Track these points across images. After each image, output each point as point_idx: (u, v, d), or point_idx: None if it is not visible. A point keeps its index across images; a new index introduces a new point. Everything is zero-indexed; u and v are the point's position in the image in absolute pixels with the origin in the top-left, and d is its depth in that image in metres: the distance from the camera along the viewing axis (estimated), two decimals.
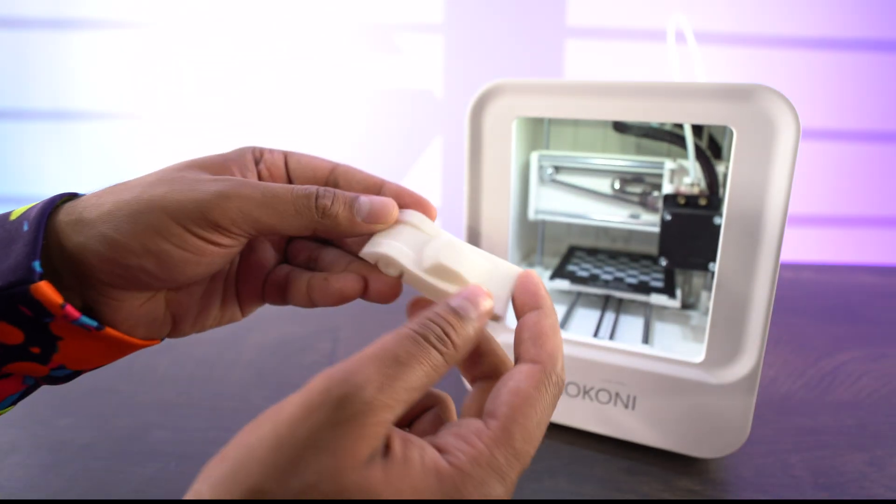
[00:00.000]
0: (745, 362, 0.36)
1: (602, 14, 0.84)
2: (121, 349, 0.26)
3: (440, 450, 0.20)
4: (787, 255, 0.86)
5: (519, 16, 0.85)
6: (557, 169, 0.52)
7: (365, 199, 0.26)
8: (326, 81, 0.90)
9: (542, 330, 0.23)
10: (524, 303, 0.24)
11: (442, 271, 0.25)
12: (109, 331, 0.25)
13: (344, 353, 0.56)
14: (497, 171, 0.40)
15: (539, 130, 0.55)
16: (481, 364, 0.25)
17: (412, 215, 0.28)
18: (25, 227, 0.23)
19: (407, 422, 0.25)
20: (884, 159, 0.88)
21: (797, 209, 0.90)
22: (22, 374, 0.25)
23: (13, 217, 0.24)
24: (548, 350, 0.22)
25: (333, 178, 0.30)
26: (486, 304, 0.23)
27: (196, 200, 0.24)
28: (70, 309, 0.23)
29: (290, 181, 0.31)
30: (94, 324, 0.24)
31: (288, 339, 0.59)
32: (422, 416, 0.24)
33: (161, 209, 0.24)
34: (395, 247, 0.26)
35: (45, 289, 0.22)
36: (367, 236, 0.27)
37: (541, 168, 0.52)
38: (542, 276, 0.56)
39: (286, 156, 0.31)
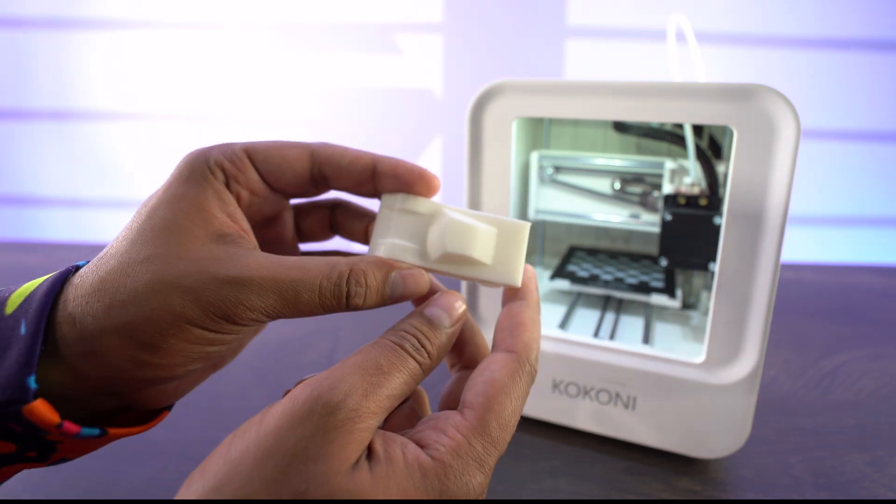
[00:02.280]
0: (746, 362, 0.36)
1: (602, 14, 0.84)
2: (125, 436, 0.24)
3: (420, 444, 0.20)
4: (787, 255, 0.86)
5: (519, 16, 0.85)
6: (557, 169, 0.52)
7: (398, 281, 0.23)
8: (326, 81, 0.90)
9: (521, 320, 0.24)
10: (511, 293, 0.25)
11: (451, 259, 0.24)
12: (113, 432, 0.23)
13: (344, 352, 0.56)
14: (497, 171, 0.40)
15: (539, 130, 0.55)
16: (463, 354, 0.26)
17: (403, 200, 0.25)
18: (23, 330, 0.20)
19: None
20: (884, 159, 0.88)
21: (797, 209, 0.90)
22: (19, 470, 0.23)
23: (9, 310, 0.21)
24: (524, 340, 0.23)
25: (317, 167, 0.25)
26: (459, 310, 0.24)
27: (209, 303, 0.20)
28: (69, 426, 0.21)
29: (269, 186, 0.26)
30: (96, 432, 0.22)
31: (287, 339, 0.59)
32: (397, 410, 0.24)
33: (172, 326, 0.20)
34: (396, 246, 0.25)
35: (41, 408, 0.20)
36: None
37: (541, 168, 0.52)
38: (541, 277, 0.56)
39: (249, 155, 0.24)
